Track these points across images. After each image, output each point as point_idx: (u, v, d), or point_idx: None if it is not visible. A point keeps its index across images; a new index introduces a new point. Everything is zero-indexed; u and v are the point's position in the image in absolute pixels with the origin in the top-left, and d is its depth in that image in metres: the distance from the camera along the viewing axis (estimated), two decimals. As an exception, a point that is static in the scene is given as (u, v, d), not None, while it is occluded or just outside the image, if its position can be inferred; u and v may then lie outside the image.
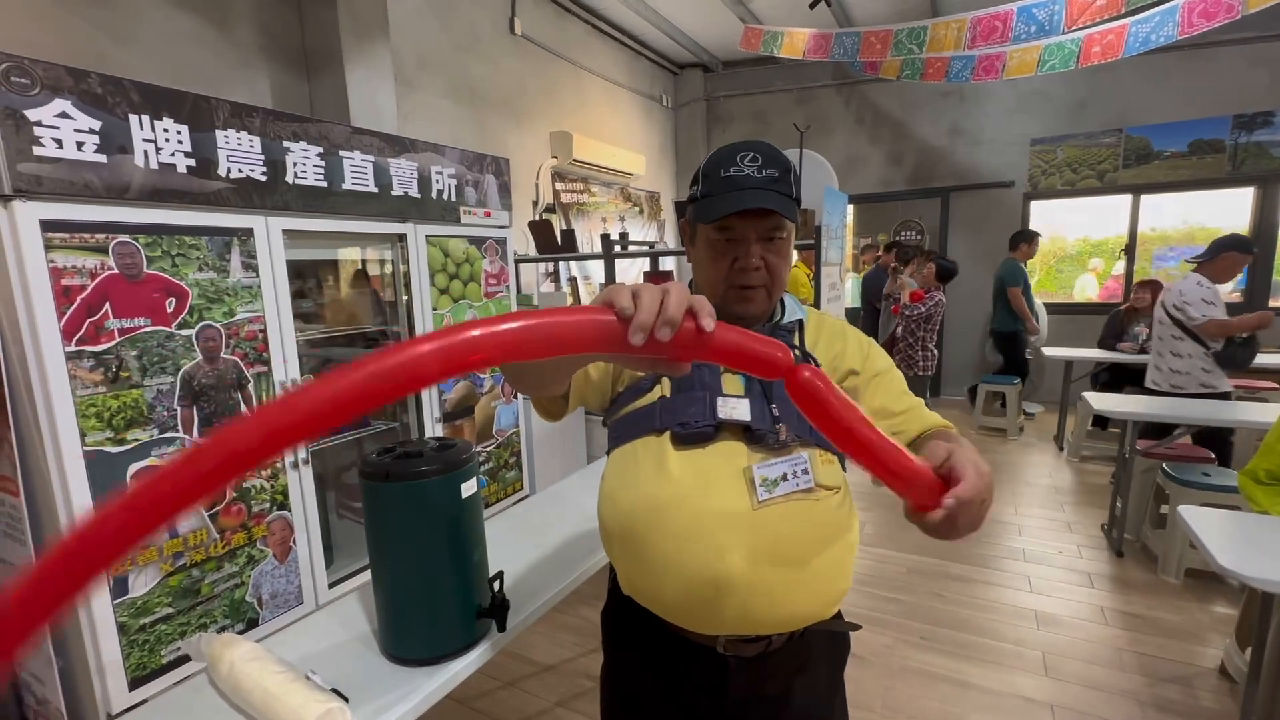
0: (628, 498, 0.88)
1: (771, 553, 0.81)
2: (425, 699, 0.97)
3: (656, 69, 6.29)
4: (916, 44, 3.85)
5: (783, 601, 0.83)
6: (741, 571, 0.80)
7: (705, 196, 0.88)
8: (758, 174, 0.84)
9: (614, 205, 5.50)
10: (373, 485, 1.00)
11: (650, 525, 0.84)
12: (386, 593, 1.04)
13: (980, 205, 5.89)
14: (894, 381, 0.96)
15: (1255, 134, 4.95)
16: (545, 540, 1.51)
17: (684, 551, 0.82)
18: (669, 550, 0.83)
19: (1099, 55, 3.93)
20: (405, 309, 2.40)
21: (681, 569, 0.82)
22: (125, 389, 1.53)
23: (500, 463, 2.87)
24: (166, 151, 1.58)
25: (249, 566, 1.82)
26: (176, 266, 1.62)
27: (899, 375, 0.97)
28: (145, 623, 1.58)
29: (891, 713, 1.95)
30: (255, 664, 0.97)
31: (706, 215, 0.86)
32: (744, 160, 0.85)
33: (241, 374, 1.78)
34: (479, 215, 2.64)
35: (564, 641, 2.37)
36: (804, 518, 0.83)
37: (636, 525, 0.86)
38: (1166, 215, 5.56)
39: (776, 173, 0.85)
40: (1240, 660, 1.97)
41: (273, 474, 1.86)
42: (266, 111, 1.82)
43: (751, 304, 0.89)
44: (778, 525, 0.82)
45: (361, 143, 2.11)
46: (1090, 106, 5.38)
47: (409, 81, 3.55)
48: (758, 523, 0.81)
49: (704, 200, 0.88)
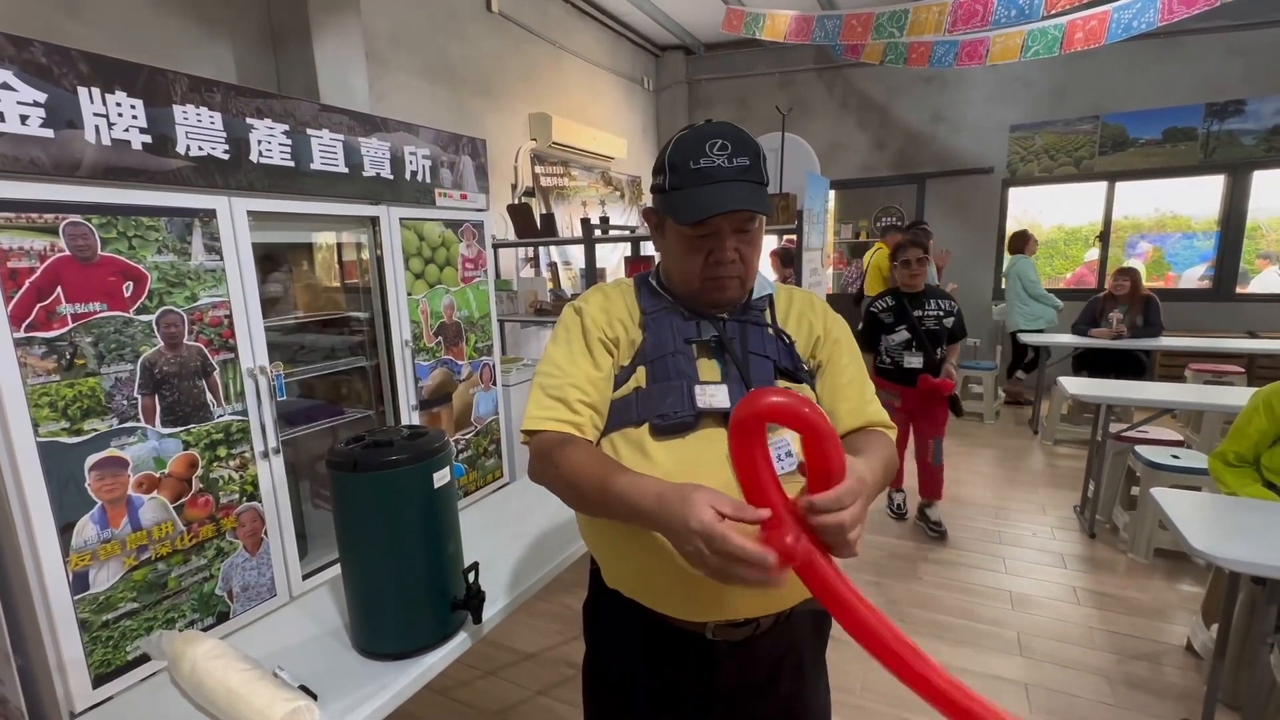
0: None
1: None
2: (397, 694, 0.94)
3: (638, 50, 6.20)
4: (897, 27, 3.83)
5: None
6: None
7: (675, 189, 0.84)
8: (728, 164, 0.82)
9: (595, 189, 5.43)
10: (340, 475, 0.97)
11: None
12: (357, 586, 1.01)
13: (960, 191, 5.92)
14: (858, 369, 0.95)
15: (1227, 122, 5.03)
16: (524, 529, 1.48)
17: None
18: (656, 538, 0.81)
19: (1082, 41, 3.95)
20: (379, 294, 2.34)
21: (670, 557, 0.80)
22: (81, 377, 1.46)
23: (479, 451, 2.83)
24: (120, 127, 1.50)
25: (218, 559, 1.77)
26: (134, 249, 1.55)
27: (860, 360, 0.97)
28: (108, 619, 1.53)
29: (870, 695, 1.97)
30: (219, 662, 0.93)
31: (683, 215, 0.83)
32: (713, 149, 0.82)
33: (206, 361, 1.72)
34: (455, 198, 2.57)
35: (545, 629, 2.36)
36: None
37: None
38: (1140, 203, 5.65)
39: (747, 160, 0.83)
40: (1206, 637, 2.03)
41: (241, 464, 1.81)
42: (228, 86, 1.74)
43: (727, 292, 0.89)
44: None
45: (330, 121, 2.03)
46: (1069, 94, 5.42)
47: (383, 60, 3.44)
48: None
49: (674, 194, 0.84)
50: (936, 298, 2.91)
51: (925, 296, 2.90)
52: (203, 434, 1.71)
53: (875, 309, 2.97)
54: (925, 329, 2.86)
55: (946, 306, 2.91)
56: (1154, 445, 2.93)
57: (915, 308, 2.88)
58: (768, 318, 0.95)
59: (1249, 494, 1.86)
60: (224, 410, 1.76)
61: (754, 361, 0.88)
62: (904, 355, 2.89)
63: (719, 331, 0.89)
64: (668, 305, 0.92)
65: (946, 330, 2.90)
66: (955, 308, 2.92)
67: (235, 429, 1.79)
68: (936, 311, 2.90)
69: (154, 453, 1.60)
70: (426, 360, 2.51)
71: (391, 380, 2.41)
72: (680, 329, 0.89)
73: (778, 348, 0.91)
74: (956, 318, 2.92)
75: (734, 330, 0.90)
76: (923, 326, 2.86)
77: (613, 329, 0.92)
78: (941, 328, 2.89)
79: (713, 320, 0.90)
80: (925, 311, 2.88)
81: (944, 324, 2.89)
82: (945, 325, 2.89)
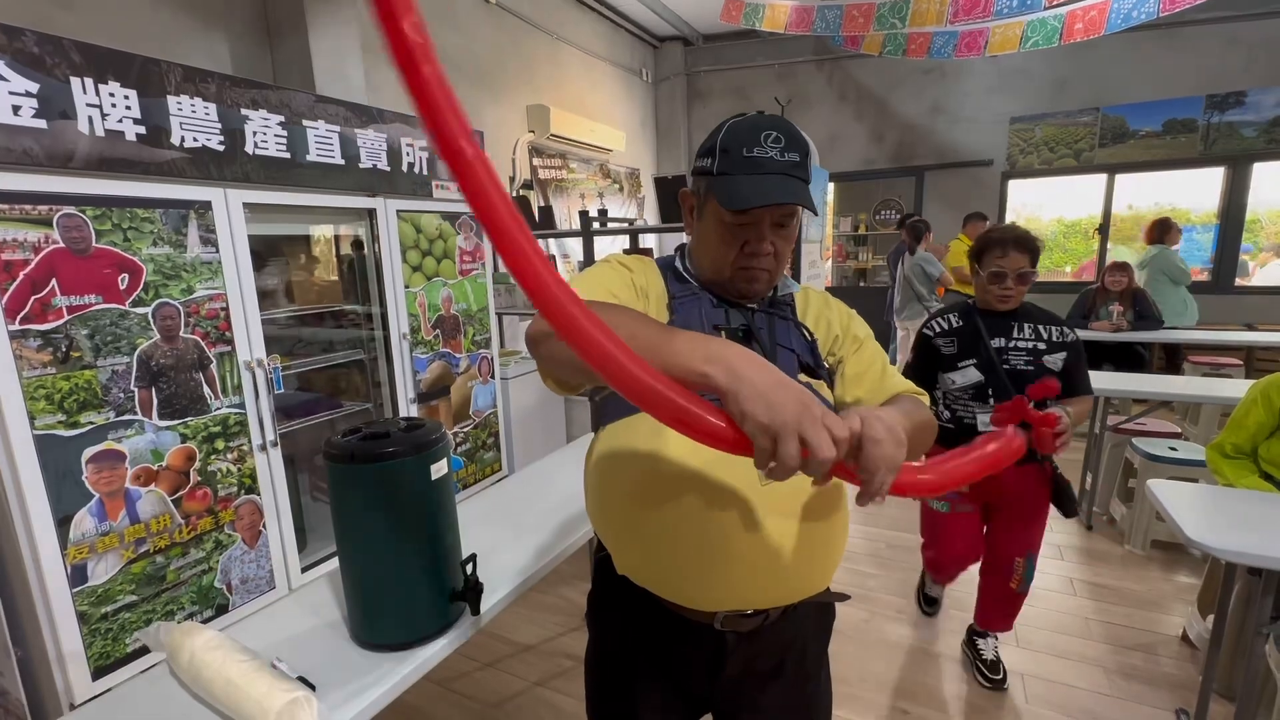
0: (628, 473, 0.86)
1: (778, 523, 0.81)
2: (395, 685, 0.94)
3: (636, 42, 6.16)
4: (899, 18, 3.81)
5: (786, 573, 0.83)
6: (748, 542, 0.80)
7: (723, 174, 0.84)
8: (780, 157, 0.82)
9: (593, 182, 5.41)
10: (338, 467, 0.96)
11: (654, 499, 0.83)
12: (354, 578, 1.01)
13: (959, 184, 5.90)
14: (875, 353, 0.95)
15: (1227, 114, 5.01)
16: (523, 521, 1.48)
17: (690, 523, 0.81)
18: (674, 524, 0.81)
19: (1081, 33, 3.93)
20: (377, 286, 2.33)
21: (687, 542, 0.81)
22: (77, 370, 1.45)
23: (478, 444, 2.83)
24: (114, 118, 1.49)
25: (217, 552, 1.77)
26: (129, 241, 1.54)
27: (878, 347, 0.97)
28: (107, 611, 1.53)
29: (867, 684, 1.98)
30: (217, 653, 0.93)
31: (731, 200, 0.82)
32: (768, 140, 0.82)
33: (203, 354, 1.71)
34: (453, 190, 2.56)
35: (544, 621, 2.37)
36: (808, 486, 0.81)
37: (638, 500, 0.84)
38: (1140, 195, 5.64)
39: (798, 156, 0.83)
40: (1201, 627, 2.04)
41: (239, 457, 1.81)
42: (223, 77, 1.73)
43: (756, 284, 0.89)
44: (784, 494, 0.80)
45: (326, 112, 2.02)
46: (1069, 85, 5.40)
47: (379, 51, 3.41)
48: (764, 492, 0.80)
49: (723, 179, 0.84)
50: (1036, 321, 1.80)
51: (1016, 318, 1.80)
52: (200, 427, 1.71)
53: (931, 331, 1.88)
54: (1010, 368, 1.77)
55: (1053, 335, 1.78)
56: (1151, 437, 2.93)
57: (997, 334, 1.79)
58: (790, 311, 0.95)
59: (1246, 485, 1.86)
60: (221, 403, 1.76)
61: (780, 354, 0.88)
62: (971, 408, 1.80)
63: (748, 321, 0.89)
64: (696, 290, 0.92)
65: (1048, 372, 1.75)
66: (1069, 337, 1.79)
67: (233, 422, 1.78)
68: (1032, 342, 1.77)
69: (151, 445, 1.60)
70: (424, 353, 2.50)
71: (389, 373, 2.40)
72: (709, 315, 0.89)
73: (802, 343, 0.91)
74: (1070, 351, 1.77)
75: (762, 321, 0.90)
76: (1006, 364, 1.77)
77: (648, 297, 0.91)
78: (1039, 368, 1.75)
79: (741, 310, 0.91)
80: (1013, 342, 1.78)
81: (1044, 363, 1.75)
82: (1047, 365, 1.75)
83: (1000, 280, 1.75)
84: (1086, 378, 1.78)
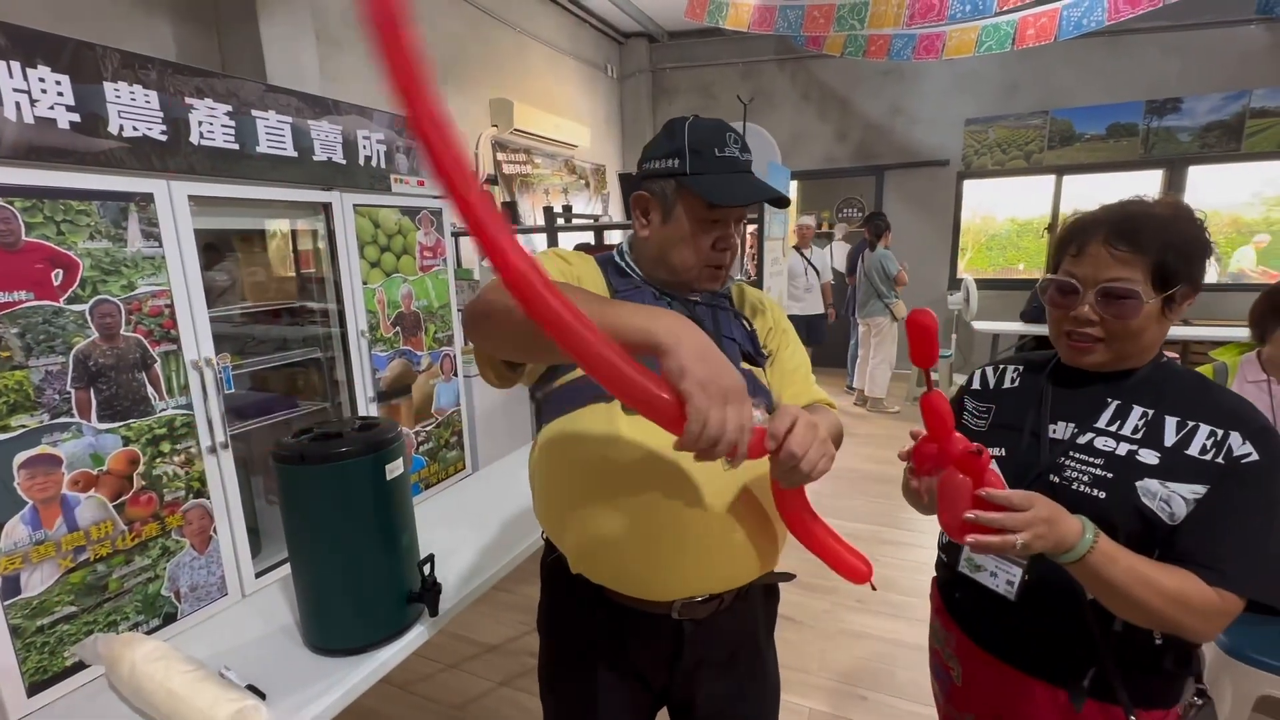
0: (576, 468, 0.86)
1: (733, 505, 0.83)
2: (349, 690, 0.92)
3: (601, 37, 6.12)
4: (858, 19, 3.88)
5: (738, 553, 0.85)
6: (702, 525, 0.82)
7: (698, 174, 0.86)
8: (742, 157, 0.89)
9: (558, 178, 5.37)
10: (287, 468, 0.94)
11: (604, 491, 0.83)
12: (305, 582, 0.98)
13: (918, 183, 6.06)
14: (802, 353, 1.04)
15: (1165, 119, 5.26)
16: (485, 519, 1.47)
17: (642, 512, 0.82)
18: (627, 513, 0.82)
19: (1033, 38, 4.07)
20: (333, 283, 2.27)
21: (641, 530, 0.82)
22: (6, 370, 1.38)
23: (441, 442, 2.79)
24: (44, 104, 1.41)
25: (164, 559, 1.70)
26: (63, 234, 1.46)
27: (797, 338, 1.05)
28: (43, 624, 1.46)
29: (828, 674, 2.02)
30: (160, 664, 0.90)
31: (723, 197, 0.85)
32: (730, 141, 0.88)
33: (147, 353, 1.64)
34: (412, 184, 2.51)
35: (507, 620, 2.35)
36: (759, 467, 0.82)
37: (588, 494, 0.84)
38: (1086, 196, 5.88)
39: (750, 158, 0.91)
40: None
41: (187, 459, 1.74)
42: (164, 63, 1.65)
43: (718, 281, 0.94)
44: (737, 476, 0.82)
45: (277, 102, 1.95)
46: (1021, 89, 5.58)
47: (335, 40, 3.31)
48: (716, 476, 0.81)
49: (701, 178, 0.86)
50: (1167, 404, 0.82)
51: (1115, 388, 0.86)
52: (144, 429, 1.64)
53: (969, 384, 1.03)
54: (1060, 481, 0.83)
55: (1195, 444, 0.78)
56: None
57: (1065, 414, 0.88)
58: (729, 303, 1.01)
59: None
60: (167, 404, 1.68)
61: (724, 344, 0.91)
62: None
63: (691, 313, 0.91)
64: (638, 284, 0.94)
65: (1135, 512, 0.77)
66: (1244, 455, 0.75)
67: (179, 423, 1.71)
68: (1133, 445, 0.80)
69: (90, 449, 1.53)
70: (384, 351, 2.45)
71: (348, 372, 2.34)
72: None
73: (743, 333, 0.95)
74: (1228, 484, 0.74)
75: (705, 313, 0.94)
76: (1057, 473, 0.84)
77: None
78: (1120, 498, 0.78)
79: (685, 303, 0.93)
80: (1088, 434, 0.84)
81: (1139, 494, 0.77)
82: (1143, 501, 0.77)
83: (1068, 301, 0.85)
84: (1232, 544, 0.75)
